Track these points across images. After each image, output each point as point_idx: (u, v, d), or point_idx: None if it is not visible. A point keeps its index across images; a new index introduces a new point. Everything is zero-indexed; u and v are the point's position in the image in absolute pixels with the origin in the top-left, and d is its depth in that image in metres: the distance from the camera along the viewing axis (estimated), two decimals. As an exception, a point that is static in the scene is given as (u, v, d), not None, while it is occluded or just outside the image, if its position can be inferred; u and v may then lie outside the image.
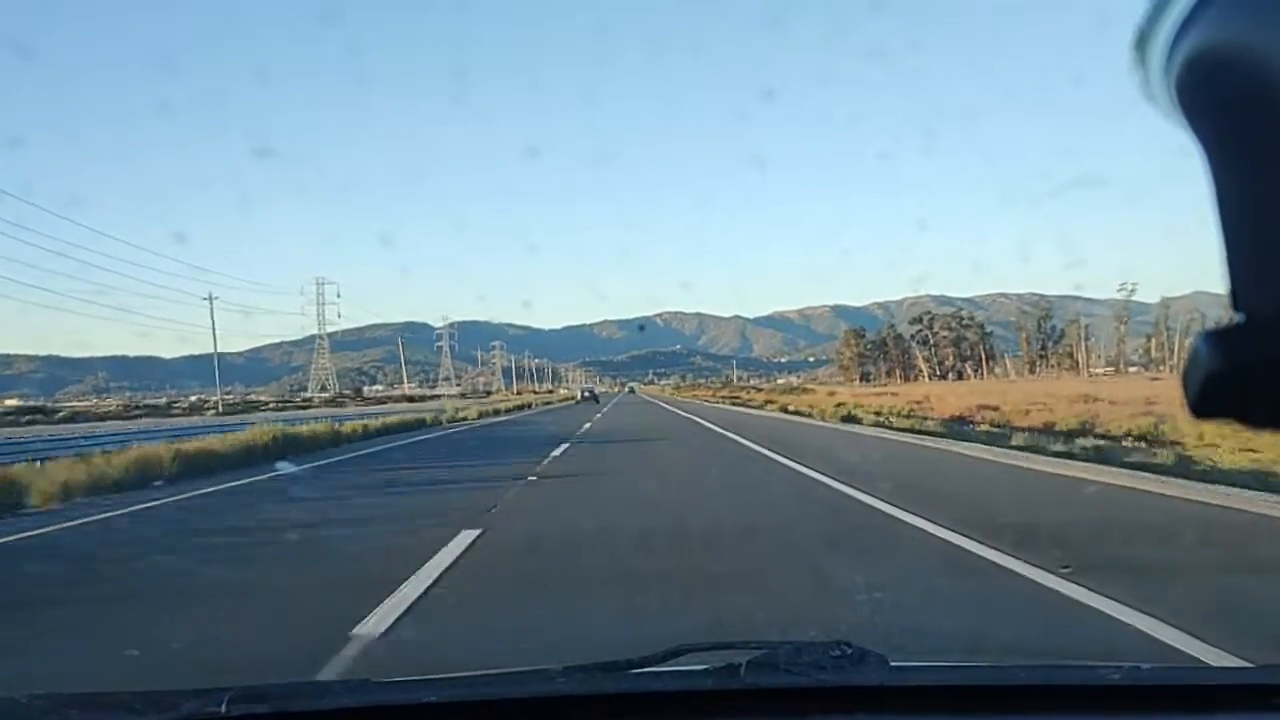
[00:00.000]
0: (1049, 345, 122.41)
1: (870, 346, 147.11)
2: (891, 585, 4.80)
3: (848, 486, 9.06)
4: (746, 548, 6.23)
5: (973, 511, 7.22)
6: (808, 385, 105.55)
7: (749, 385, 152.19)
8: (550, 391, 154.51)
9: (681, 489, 10.01)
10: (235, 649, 3.99)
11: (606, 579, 5.17)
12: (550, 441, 18.36)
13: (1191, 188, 0.50)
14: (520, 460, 13.90)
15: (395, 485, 11.34)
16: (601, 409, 47.08)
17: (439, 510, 8.24)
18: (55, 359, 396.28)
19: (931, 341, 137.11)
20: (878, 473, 10.33)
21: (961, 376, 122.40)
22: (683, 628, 4.04)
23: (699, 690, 1.62)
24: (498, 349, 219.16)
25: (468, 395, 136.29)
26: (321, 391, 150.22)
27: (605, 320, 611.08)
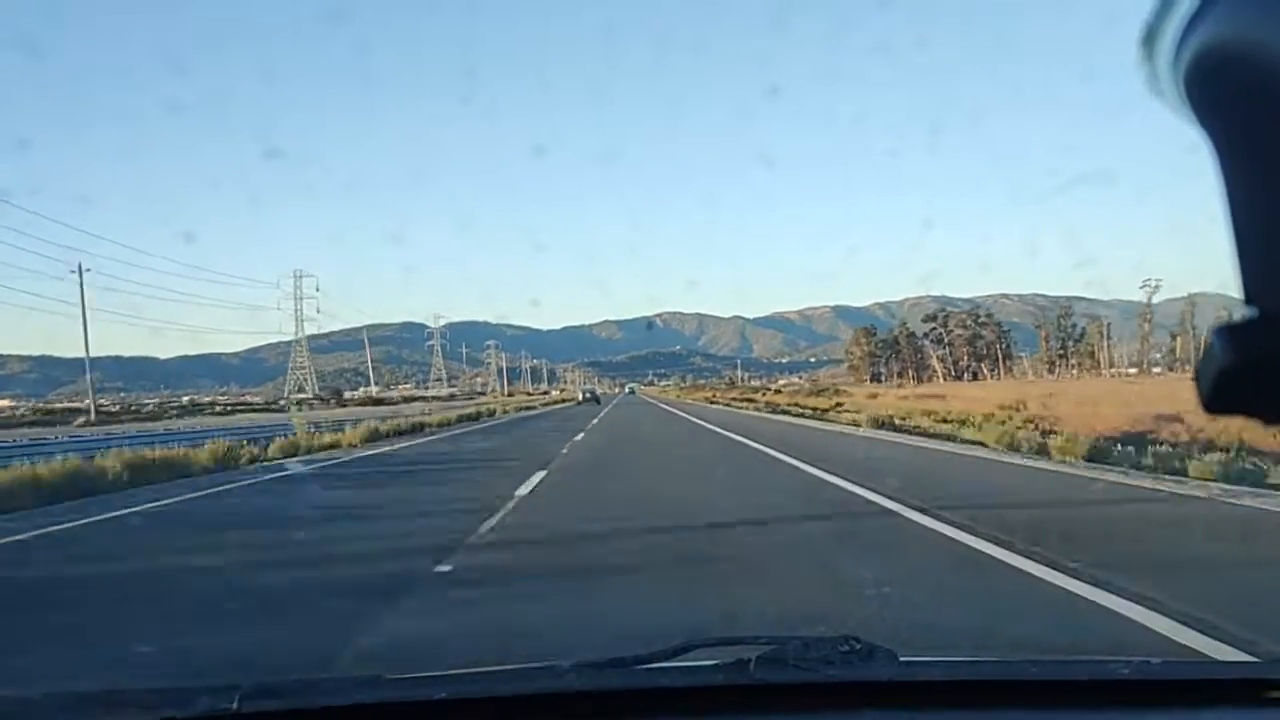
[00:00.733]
0: (1069, 344, 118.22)
1: (881, 345, 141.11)
2: None
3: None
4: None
5: None
6: (841, 387, 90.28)
7: (761, 386, 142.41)
8: (544, 393, 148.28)
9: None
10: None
11: None
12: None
13: (1201, 184, 0.50)
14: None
15: None
16: (600, 411, 44.58)
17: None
18: (49, 359, 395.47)
19: (946, 340, 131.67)
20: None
21: (977, 377, 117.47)
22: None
23: (708, 686, 1.62)
24: (492, 349, 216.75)
25: (458, 397, 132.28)
26: (299, 393, 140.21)
27: (605, 320, 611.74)
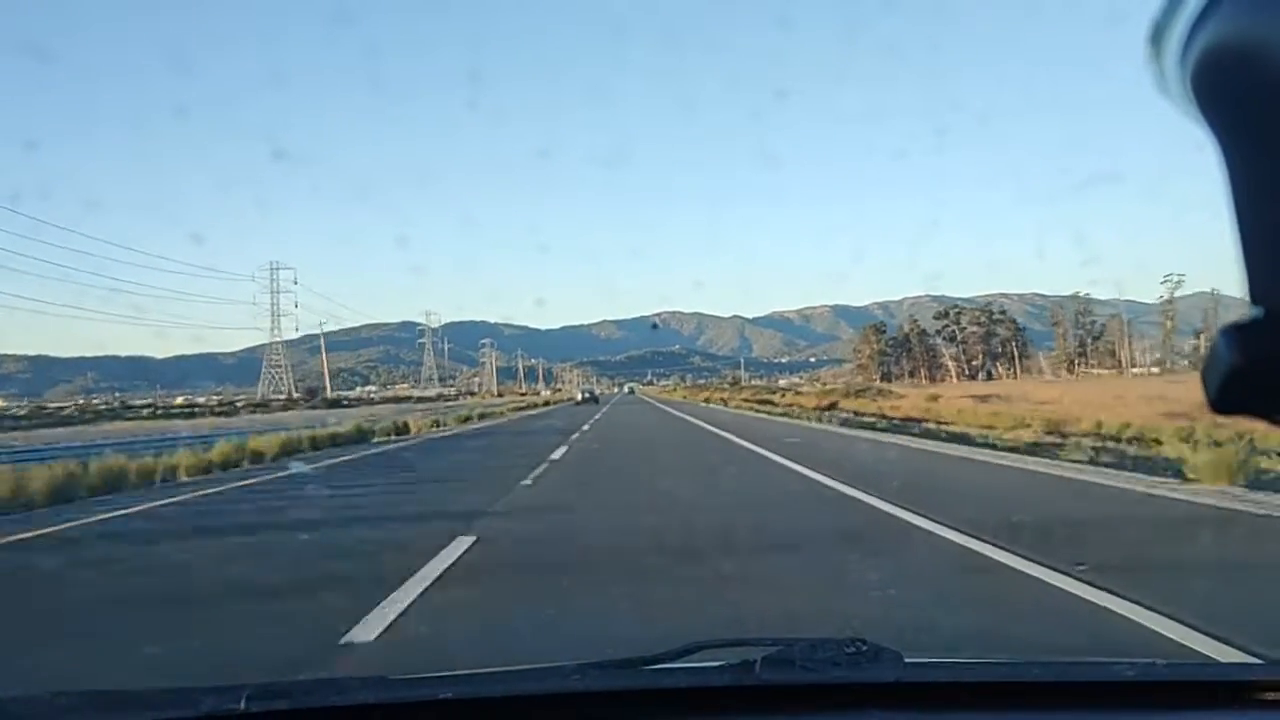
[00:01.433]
0: (1087, 342, 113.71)
1: (891, 344, 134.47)
2: None
3: None
4: None
5: None
6: (886, 389, 76.68)
7: (779, 387, 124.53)
8: (536, 393, 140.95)
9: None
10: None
11: None
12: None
13: (1208, 182, 0.49)
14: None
15: None
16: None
17: None
18: (44, 359, 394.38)
19: (958, 338, 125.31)
20: None
21: (991, 376, 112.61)
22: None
23: (714, 687, 1.62)
24: (487, 347, 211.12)
25: (446, 396, 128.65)
26: (275, 394, 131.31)
27: (604, 320, 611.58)
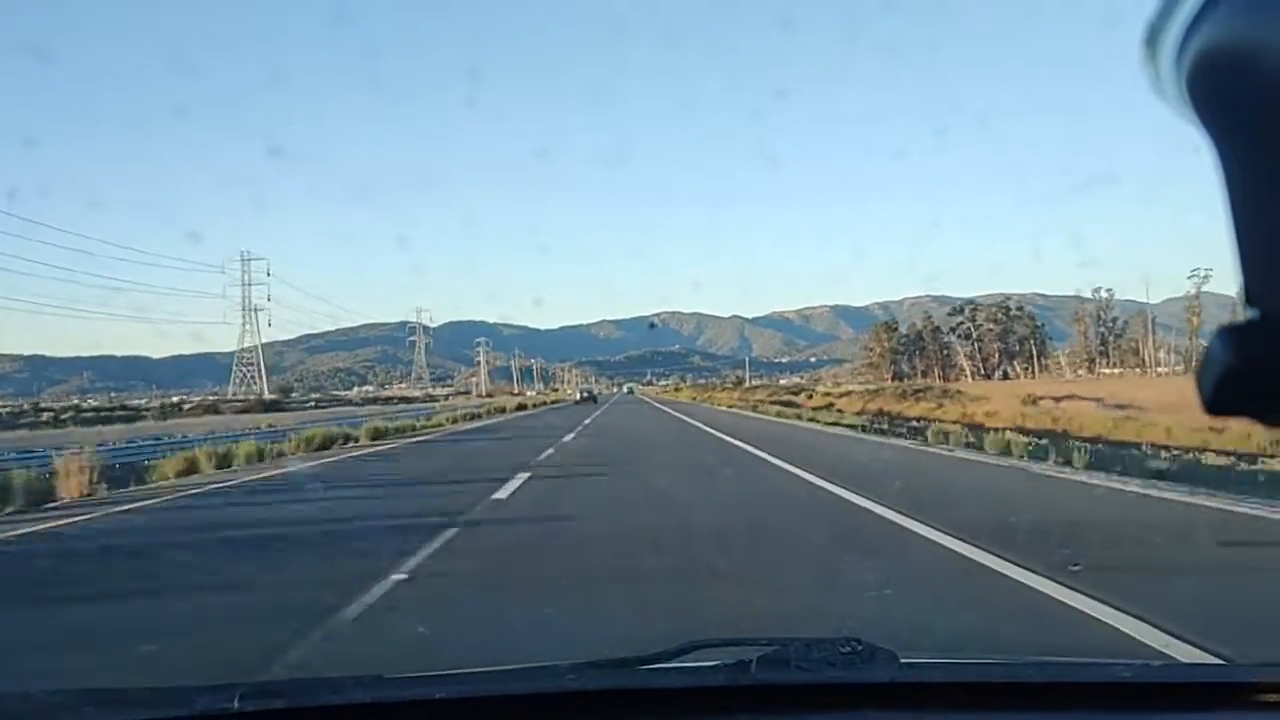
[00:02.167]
0: (1109, 340, 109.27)
1: (904, 342, 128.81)
2: None
3: None
4: None
5: None
6: (949, 388, 67.35)
7: (799, 387, 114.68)
8: (521, 393, 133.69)
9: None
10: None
11: None
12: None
13: (1205, 184, 0.50)
14: None
15: None
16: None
17: None
18: (40, 359, 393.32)
19: (974, 336, 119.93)
20: None
21: (1008, 376, 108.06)
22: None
23: (710, 686, 1.62)
24: (482, 346, 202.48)
25: (434, 397, 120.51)
26: (246, 394, 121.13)
27: (603, 320, 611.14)
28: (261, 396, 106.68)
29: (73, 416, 56.83)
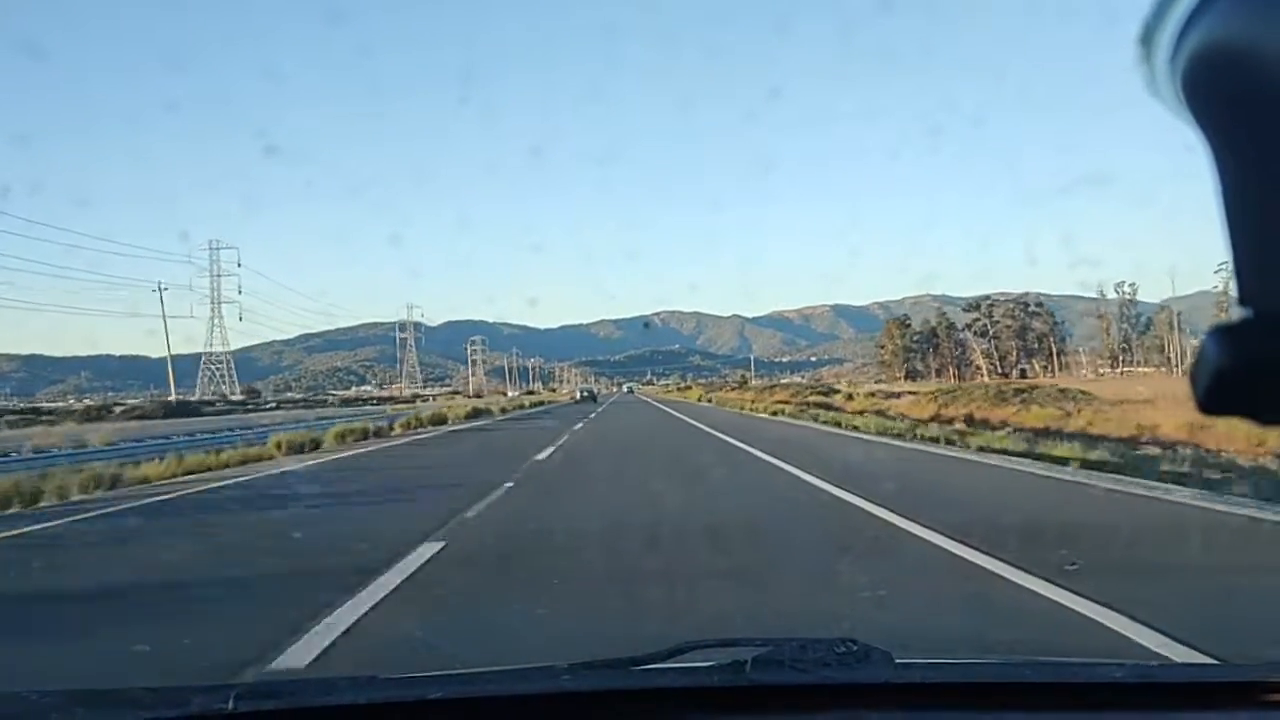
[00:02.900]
0: (1131, 337, 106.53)
1: (917, 339, 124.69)
2: None
3: None
4: None
5: None
6: (1074, 387, 43.49)
7: (823, 386, 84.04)
8: (502, 392, 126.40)
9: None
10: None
11: None
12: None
13: (1199, 184, 0.50)
14: None
15: None
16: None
17: None
18: (38, 358, 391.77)
19: (990, 333, 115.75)
20: None
21: (1025, 374, 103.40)
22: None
23: (704, 687, 1.62)
24: (477, 344, 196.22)
25: (422, 397, 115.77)
26: (211, 394, 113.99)
27: (603, 320, 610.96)
28: (226, 397, 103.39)
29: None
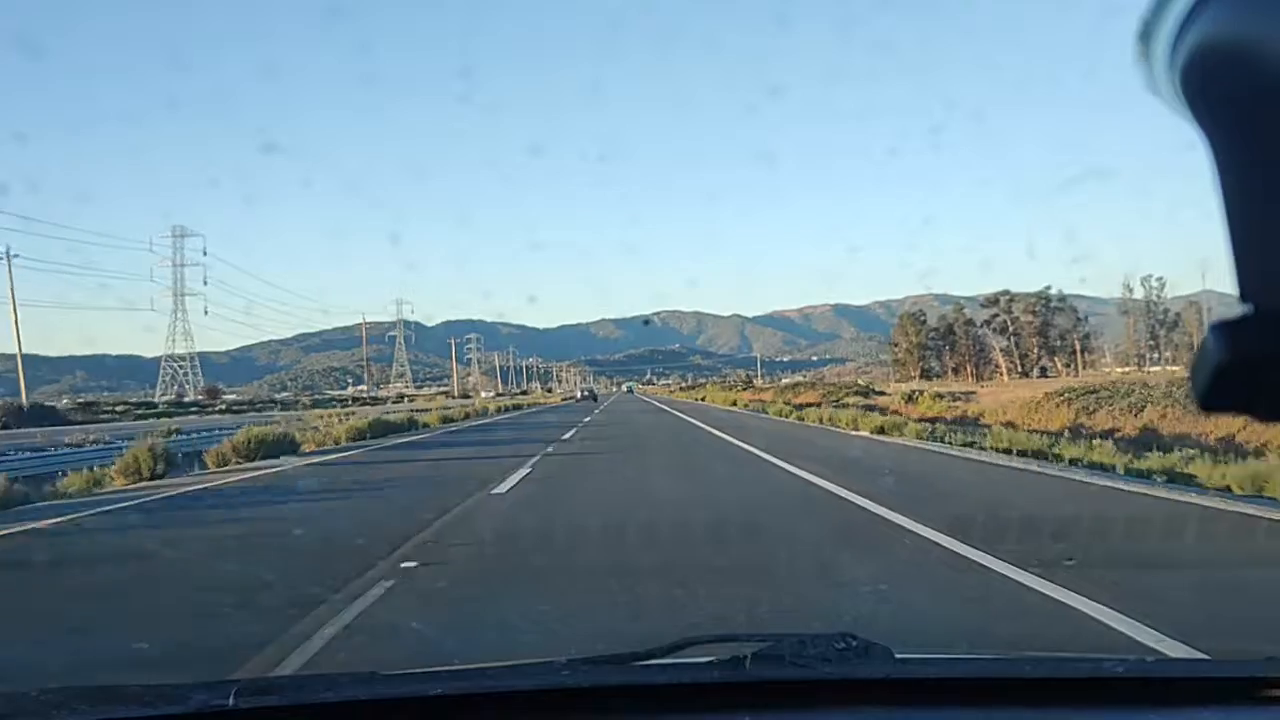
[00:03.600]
0: (1159, 333, 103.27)
1: (933, 337, 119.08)
2: None
3: None
4: None
5: None
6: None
7: (853, 385, 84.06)
8: (469, 393, 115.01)
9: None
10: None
11: None
12: None
13: (1199, 182, 0.50)
14: None
15: None
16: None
17: None
18: (31, 357, 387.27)
19: (1011, 329, 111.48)
20: None
21: (1046, 373, 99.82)
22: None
23: (704, 683, 1.62)
24: (473, 342, 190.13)
25: (406, 397, 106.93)
26: (170, 393, 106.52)
27: (603, 319, 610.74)
28: (181, 399, 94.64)
29: None
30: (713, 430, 22.70)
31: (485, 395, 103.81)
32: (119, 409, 63.69)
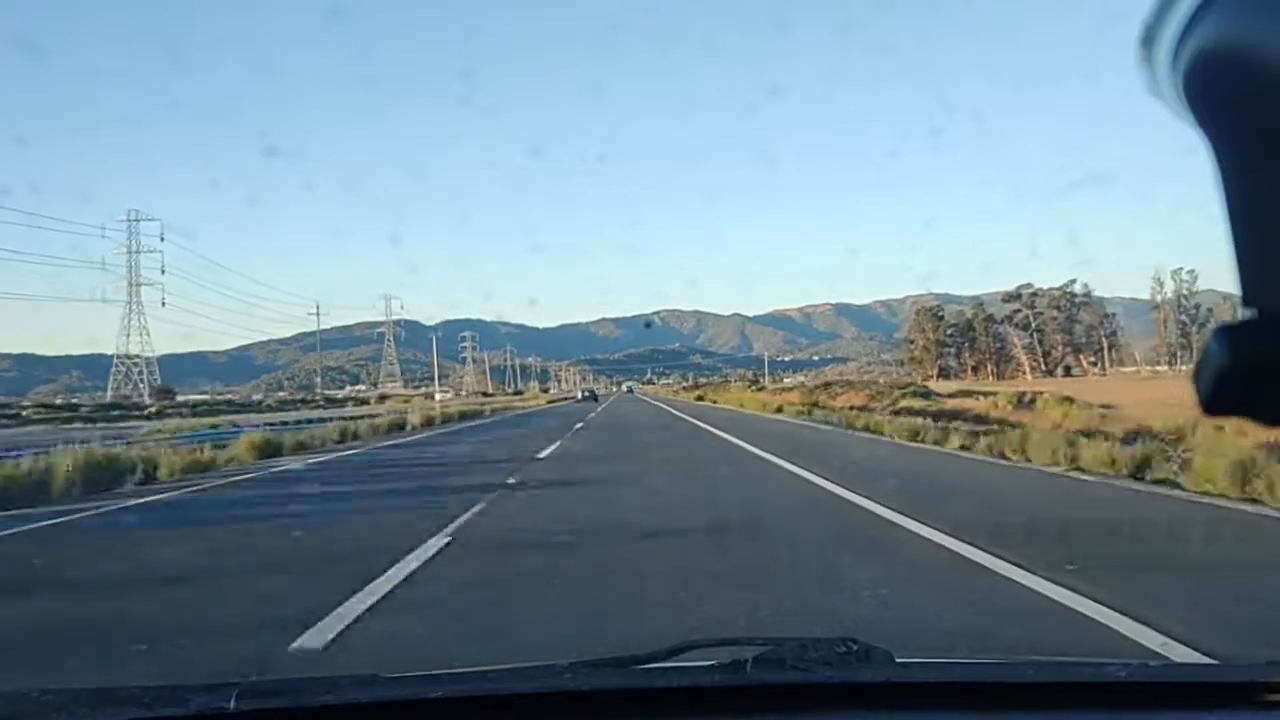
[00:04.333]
0: (1190, 330, 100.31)
1: (952, 333, 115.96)
2: None
3: None
4: None
5: None
6: None
7: (910, 386, 59.73)
8: (429, 397, 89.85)
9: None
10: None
11: None
12: None
13: (1201, 185, 0.50)
14: None
15: None
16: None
17: None
18: (30, 357, 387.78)
19: (1033, 326, 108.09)
20: None
21: (1071, 372, 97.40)
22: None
23: (705, 686, 1.62)
24: (467, 341, 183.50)
25: (391, 398, 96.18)
26: (125, 392, 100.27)
27: (603, 319, 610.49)
28: (130, 398, 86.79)
29: None
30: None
31: (442, 396, 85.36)
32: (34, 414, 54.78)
